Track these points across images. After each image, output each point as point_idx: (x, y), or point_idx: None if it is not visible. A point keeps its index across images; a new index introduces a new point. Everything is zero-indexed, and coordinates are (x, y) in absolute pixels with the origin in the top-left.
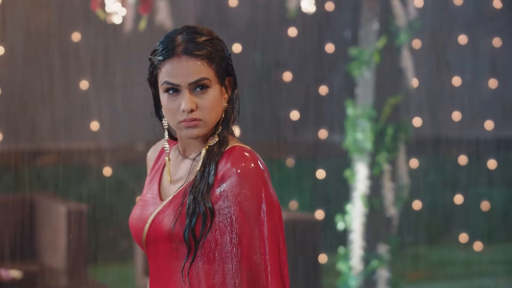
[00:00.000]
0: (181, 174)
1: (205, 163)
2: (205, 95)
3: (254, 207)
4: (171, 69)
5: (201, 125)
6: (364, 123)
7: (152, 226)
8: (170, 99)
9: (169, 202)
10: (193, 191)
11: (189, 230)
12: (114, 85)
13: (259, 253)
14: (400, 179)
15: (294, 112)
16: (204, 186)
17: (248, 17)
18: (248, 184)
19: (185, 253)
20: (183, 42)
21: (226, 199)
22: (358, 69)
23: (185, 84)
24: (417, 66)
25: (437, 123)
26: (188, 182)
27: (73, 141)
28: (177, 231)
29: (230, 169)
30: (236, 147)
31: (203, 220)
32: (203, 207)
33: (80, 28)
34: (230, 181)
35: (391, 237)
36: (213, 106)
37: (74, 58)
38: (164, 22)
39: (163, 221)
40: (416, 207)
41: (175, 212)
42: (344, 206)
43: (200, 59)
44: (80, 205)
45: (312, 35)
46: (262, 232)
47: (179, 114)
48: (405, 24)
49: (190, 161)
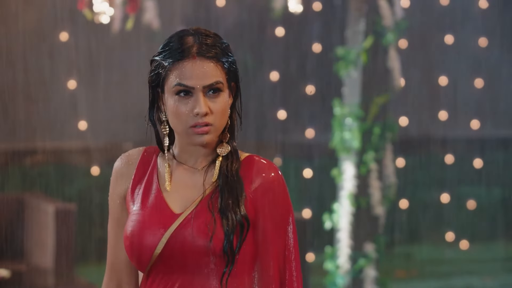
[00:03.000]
0: (188, 183)
1: (225, 174)
2: (218, 99)
3: (284, 217)
4: (185, 70)
5: (212, 130)
6: (351, 122)
7: (172, 240)
8: (181, 102)
9: (190, 215)
10: (224, 202)
11: (229, 243)
12: (101, 85)
13: (288, 262)
14: (387, 178)
15: (281, 111)
16: (235, 197)
17: (236, 16)
18: (277, 193)
19: (220, 265)
20: (197, 44)
21: (258, 209)
22: (345, 68)
23: (199, 86)
24: (404, 66)
25: (424, 123)
26: (208, 194)
27: (61, 141)
28: (215, 244)
29: (260, 179)
30: (254, 156)
31: (240, 231)
32: (240, 218)
33: (68, 27)
34: (261, 191)
35: (378, 236)
36: (224, 111)
37: (62, 58)
38: (151, 22)
39: (194, 235)
40: (403, 206)
41: (206, 225)
42: (331, 205)
43: (215, 61)
44: (68, 204)
45: (299, 35)
46: (290, 241)
47: (191, 118)
48: (392, 24)
49: (197, 171)
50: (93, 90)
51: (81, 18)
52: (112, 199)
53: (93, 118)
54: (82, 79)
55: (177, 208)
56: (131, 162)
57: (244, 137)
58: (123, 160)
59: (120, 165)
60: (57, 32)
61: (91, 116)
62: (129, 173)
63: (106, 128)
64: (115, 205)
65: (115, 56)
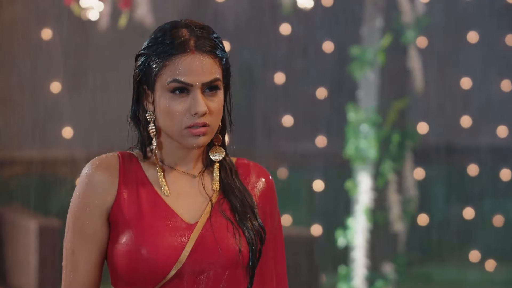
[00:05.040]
0: (189, 191)
1: (228, 181)
2: (215, 98)
3: (280, 222)
4: (183, 66)
5: (208, 132)
6: (367, 129)
7: (195, 254)
8: (176, 100)
9: (208, 225)
10: (239, 212)
11: (254, 253)
12: (89, 88)
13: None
14: (407, 191)
15: (287, 117)
16: (249, 206)
17: (237, 12)
18: (276, 197)
19: (242, 276)
20: (194, 37)
21: (266, 215)
22: (360, 69)
23: (198, 84)
24: (423, 67)
25: (444, 129)
26: (215, 202)
27: (44, 149)
28: (245, 255)
29: (261, 183)
30: (244, 160)
31: (260, 240)
32: (258, 227)
33: (51, 24)
34: (266, 197)
35: (397, 255)
36: (220, 111)
37: (45, 58)
38: (144, 18)
39: (221, 247)
40: (422, 221)
41: (230, 236)
42: (345, 221)
43: (213, 57)
44: (52, 220)
45: (308, 33)
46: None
47: (188, 118)
48: (412, 21)
49: (193, 177)
50: (79, 93)
51: (66, 13)
52: (84, 213)
53: (79, 124)
54: (67, 81)
55: (188, 218)
56: (109, 168)
57: (245, 145)
58: (98, 167)
59: (96, 172)
60: (38, 29)
61: (77, 122)
62: (110, 181)
63: (93, 135)
64: (90, 219)
65: (104, 56)
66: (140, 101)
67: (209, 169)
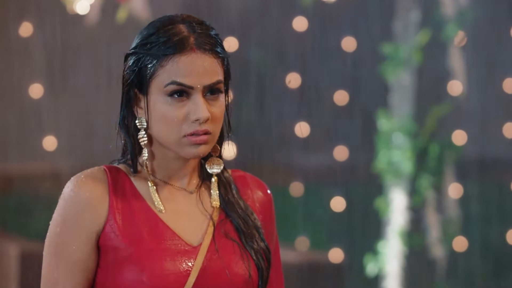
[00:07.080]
0: (185, 209)
1: (228, 198)
2: (217, 103)
3: (277, 240)
4: (183, 66)
5: (210, 140)
6: (401, 139)
7: (204, 278)
8: (174, 105)
9: (212, 247)
10: (245, 232)
11: (262, 274)
12: (75, 91)
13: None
14: (447, 211)
15: (302, 124)
16: (254, 225)
17: (244, 5)
18: (274, 213)
19: None
20: (194, 34)
21: (267, 232)
22: (393, 71)
23: (200, 86)
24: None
25: (485, 139)
26: (217, 221)
27: (22, 162)
28: (254, 279)
29: (261, 198)
30: (240, 171)
31: (267, 260)
32: (264, 247)
33: (32, 18)
34: (266, 212)
35: (437, 283)
36: (222, 118)
37: (23, 57)
38: (139, 12)
39: (230, 271)
40: (460, 245)
41: (238, 258)
42: (375, 245)
43: (215, 56)
44: (34, 244)
45: (327, 28)
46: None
47: (187, 125)
48: (454, 14)
49: (189, 193)
50: (64, 97)
51: (50, 5)
52: (70, 238)
53: (64, 134)
54: (49, 84)
55: (190, 239)
56: (97, 184)
57: (253, 156)
58: (84, 183)
59: (82, 189)
60: (16, 23)
61: (60, 131)
62: (99, 199)
63: (80, 145)
64: (77, 245)
65: (93, 55)
66: (129, 106)
67: (205, 183)
